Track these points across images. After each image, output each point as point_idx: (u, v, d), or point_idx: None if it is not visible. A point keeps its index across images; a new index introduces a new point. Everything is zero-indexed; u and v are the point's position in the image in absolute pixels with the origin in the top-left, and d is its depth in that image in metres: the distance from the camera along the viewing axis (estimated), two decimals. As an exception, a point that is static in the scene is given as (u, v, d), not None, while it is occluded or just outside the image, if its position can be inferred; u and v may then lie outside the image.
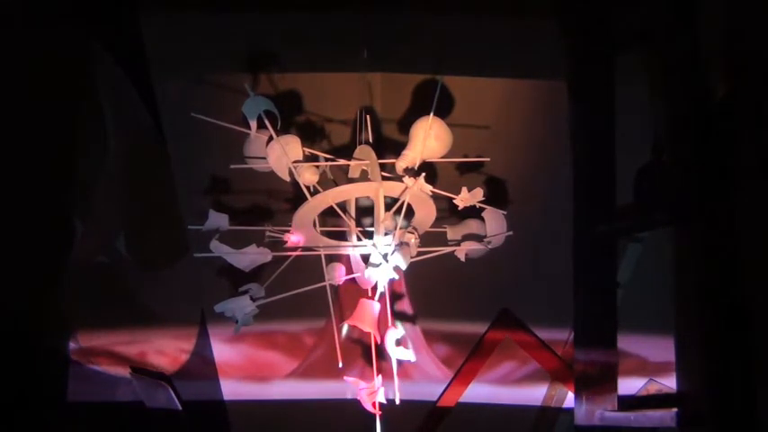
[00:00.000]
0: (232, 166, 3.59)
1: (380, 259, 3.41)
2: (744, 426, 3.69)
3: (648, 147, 4.43)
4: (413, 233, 3.48)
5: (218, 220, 3.56)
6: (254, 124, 3.37)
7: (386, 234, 3.46)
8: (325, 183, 3.56)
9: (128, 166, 4.68)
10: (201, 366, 4.87)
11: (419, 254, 3.62)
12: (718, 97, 3.95)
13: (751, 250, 3.74)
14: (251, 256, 3.58)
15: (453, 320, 4.88)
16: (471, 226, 3.61)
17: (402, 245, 3.38)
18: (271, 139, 3.36)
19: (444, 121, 3.39)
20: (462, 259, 3.64)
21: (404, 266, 3.37)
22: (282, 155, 3.37)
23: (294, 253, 3.65)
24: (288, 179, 3.45)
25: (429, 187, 3.41)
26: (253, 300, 3.51)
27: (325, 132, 4.58)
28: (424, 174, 3.37)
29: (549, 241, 4.63)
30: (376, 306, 3.32)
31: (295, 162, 3.41)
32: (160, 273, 4.75)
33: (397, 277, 3.43)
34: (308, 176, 3.49)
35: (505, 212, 3.55)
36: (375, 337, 3.33)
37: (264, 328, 4.81)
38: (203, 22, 4.53)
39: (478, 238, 3.59)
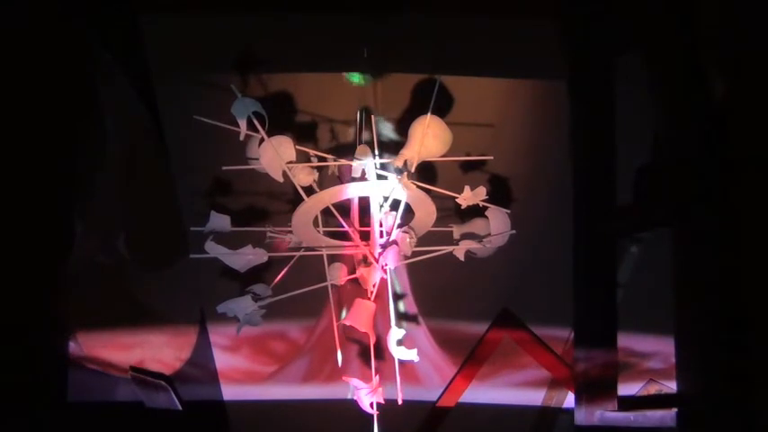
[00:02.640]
0: (224, 168, 3.62)
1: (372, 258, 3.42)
2: (744, 426, 3.69)
3: (648, 147, 4.43)
4: (407, 233, 3.48)
5: (220, 221, 3.57)
6: (243, 125, 3.37)
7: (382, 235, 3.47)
8: (334, 182, 3.57)
9: (128, 166, 4.68)
10: (201, 367, 4.86)
11: (421, 254, 3.63)
12: (718, 97, 3.95)
13: (751, 250, 3.74)
14: (246, 257, 3.59)
15: (454, 320, 4.88)
16: (478, 225, 3.61)
17: (391, 244, 3.40)
18: (262, 140, 3.37)
19: (447, 120, 3.39)
20: (461, 258, 3.64)
21: (392, 265, 3.37)
22: (275, 156, 3.37)
23: (287, 253, 3.66)
24: (281, 180, 3.45)
25: (412, 185, 3.41)
26: (254, 300, 3.51)
27: (325, 132, 4.58)
28: (406, 172, 3.37)
29: (550, 241, 4.63)
30: (372, 306, 3.32)
31: (289, 163, 3.42)
32: (160, 273, 4.75)
33: (385, 276, 3.44)
34: (302, 177, 3.50)
35: (509, 211, 3.55)
36: (372, 338, 3.33)
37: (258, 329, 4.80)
38: (203, 22, 4.53)
39: (485, 236, 3.58)
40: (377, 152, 3.65)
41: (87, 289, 4.60)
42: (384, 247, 3.45)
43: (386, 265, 3.40)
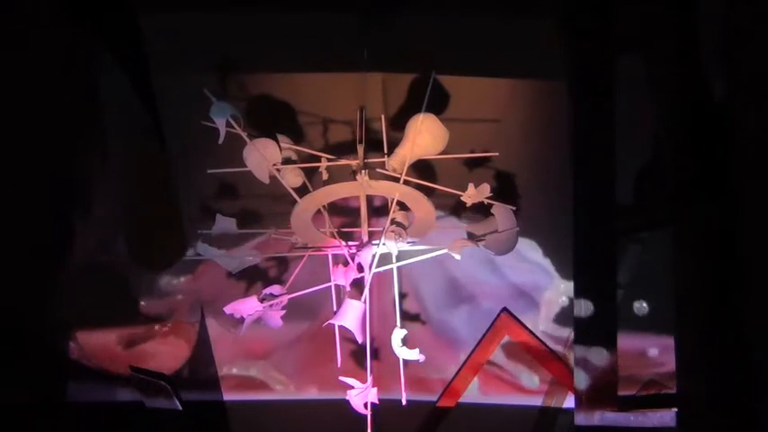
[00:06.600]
0: (210, 171, 3.65)
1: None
2: (744, 426, 3.69)
3: (648, 147, 4.43)
4: (394, 231, 3.50)
5: (226, 224, 3.60)
6: (222, 128, 3.41)
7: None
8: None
9: (128, 167, 4.68)
10: (201, 367, 4.86)
11: (418, 253, 3.64)
12: (718, 97, 3.95)
13: (751, 250, 3.74)
14: (240, 258, 3.61)
15: (455, 320, 4.88)
16: (492, 223, 3.59)
17: (367, 244, 3.43)
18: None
19: (449, 118, 3.39)
20: (458, 257, 3.63)
21: (366, 264, 3.39)
22: (262, 158, 3.40)
23: (291, 253, 3.67)
24: (267, 182, 3.47)
25: (376, 182, 3.42)
26: (261, 301, 3.53)
27: (325, 132, 4.59)
28: (366, 170, 3.39)
29: (551, 240, 4.64)
30: (360, 306, 3.32)
31: (275, 165, 3.44)
32: (160, 273, 4.75)
33: (358, 276, 3.46)
34: (291, 179, 3.54)
35: (514, 208, 3.55)
36: (359, 338, 3.33)
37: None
38: (203, 22, 4.53)
39: (484, 235, 3.58)
40: (385, 151, 3.66)
41: (87, 289, 4.60)
42: (360, 247, 3.49)
43: (360, 264, 3.43)
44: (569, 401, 4.64)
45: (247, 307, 3.50)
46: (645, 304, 4.49)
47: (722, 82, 3.94)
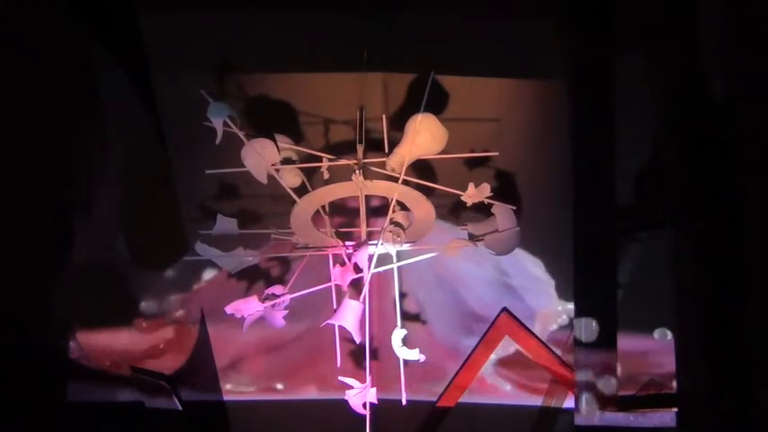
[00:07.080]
0: (208, 171, 3.65)
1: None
2: (743, 426, 3.69)
3: (648, 147, 4.43)
4: (391, 232, 3.51)
5: (227, 224, 3.60)
6: (219, 129, 3.42)
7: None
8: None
9: (128, 167, 4.68)
10: (201, 366, 4.86)
11: (417, 253, 3.64)
12: (718, 97, 3.95)
13: (751, 250, 3.74)
14: (238, 259, 3.62)
15: (454, 320, 4.88)
16: (494, 222, 3.59)
17: (363, 244, 3.43)
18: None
19: (450, 117, 3.39)
20: (456, 256, 3.63)
21: (363, 264, 3.40)
22: (259, 159, 3.41)
23: (291, 253, 3.67)
24: (265, 182, 3.48)
25: (371, 182, 3.43)
26: (262, 301, 3.53)
27: (325, 132, 4.59)
28: (359, 170, 3.40)
29: (552, 240, 4.64)
30: (358, 306, 3.32)
31: (274, 165, 3.45)
32: (160, 273, 4.75)
33: (356, 276, 3.46)
34: (289, 179, 3.54)
35: (514, 207, 3.55)
36: (357, 338, 3.32)
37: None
38: (203, 22, 4.54)
39: (482, 235, 3.59)
40: (386, 150, 3.67)
41: (87, 289, 4.60)
42: (357, 247, 3.49)
43: (355, 264, 3.43)
44: (569, 401, 4.64)
45: (249, 307, 3.50)
46: (668, 332, 4.49)
47: (722, 82, 3.94)
